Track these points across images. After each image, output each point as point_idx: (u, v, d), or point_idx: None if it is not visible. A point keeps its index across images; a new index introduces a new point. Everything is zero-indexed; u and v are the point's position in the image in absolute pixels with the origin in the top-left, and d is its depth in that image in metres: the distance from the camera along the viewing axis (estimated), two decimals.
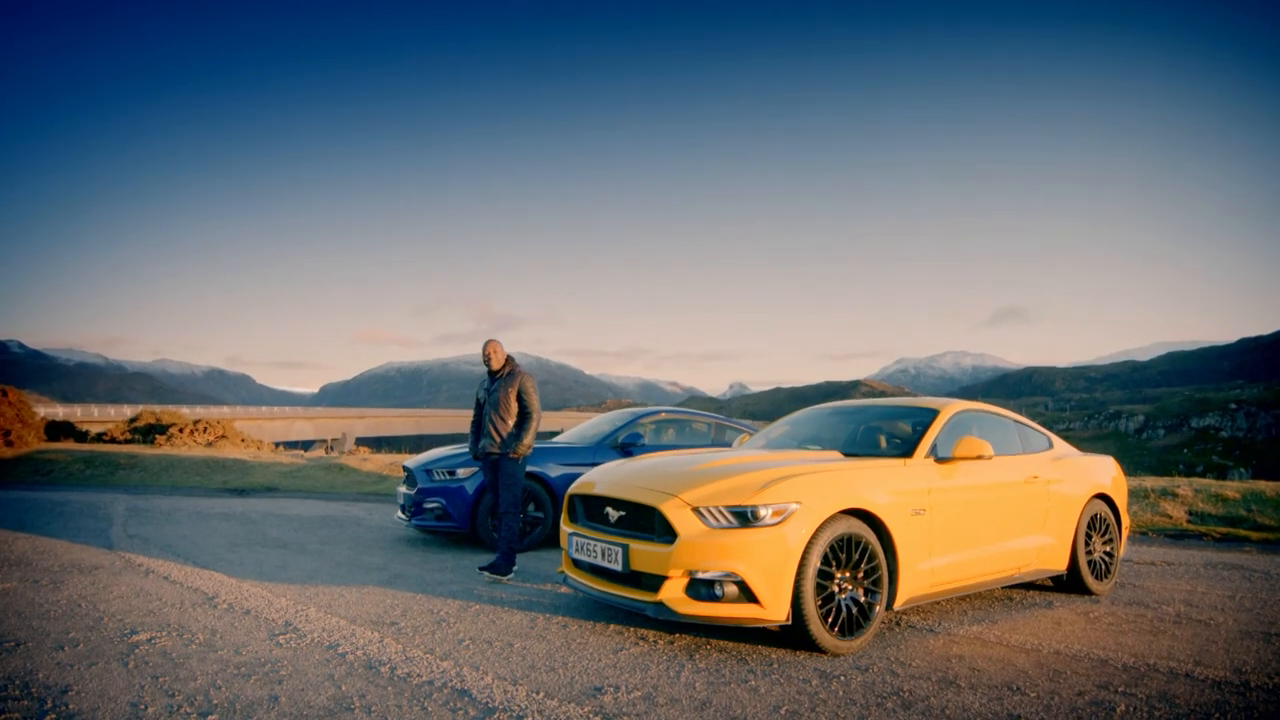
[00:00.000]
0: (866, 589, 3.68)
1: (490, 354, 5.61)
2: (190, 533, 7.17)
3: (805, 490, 3.53)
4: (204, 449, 15.78)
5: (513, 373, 5.50)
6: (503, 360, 5.59)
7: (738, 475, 3.67)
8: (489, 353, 5.62)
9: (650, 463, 4.28)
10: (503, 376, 5.51)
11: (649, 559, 3.54)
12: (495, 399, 5.45)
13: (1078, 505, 5.04)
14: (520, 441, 5.32)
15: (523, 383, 5.44)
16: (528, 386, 5.44)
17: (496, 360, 5.58)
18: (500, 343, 5.66)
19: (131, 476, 13.07)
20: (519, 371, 5.52)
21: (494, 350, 5.61)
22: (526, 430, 5.35)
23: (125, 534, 6.99)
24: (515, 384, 5.43)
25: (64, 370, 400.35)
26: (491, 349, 5.62)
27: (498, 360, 5.58)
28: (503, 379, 5.50)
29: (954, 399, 4.95)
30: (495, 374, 5.59)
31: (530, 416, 5.38)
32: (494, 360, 5.58)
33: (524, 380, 5.45)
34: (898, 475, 3.96)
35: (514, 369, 5.54)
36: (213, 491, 11.64)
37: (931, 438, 4.35)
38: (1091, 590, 5.01)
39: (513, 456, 5.32)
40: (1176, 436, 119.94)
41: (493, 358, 5.59)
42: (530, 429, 5.36)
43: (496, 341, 5.64)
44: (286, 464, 13.56)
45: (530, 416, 5.38)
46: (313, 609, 4.20)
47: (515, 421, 5.39)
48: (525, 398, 5.41)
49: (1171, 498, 9.42)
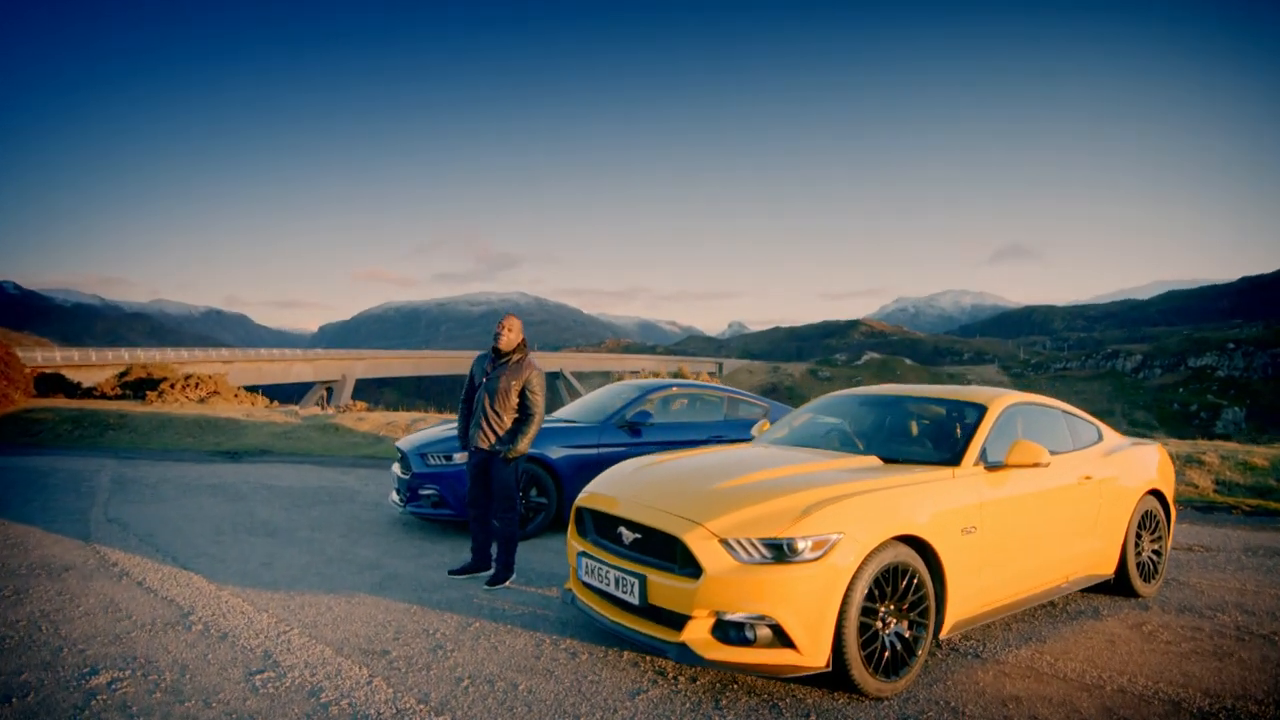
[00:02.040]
0: (912, 622, 3.29)
1: (503, 330, 4.87)
2: (174, 514, 6.80)
3: (849, 517, 3.10)
4: (196, 406, 15.40)
5: (521, 362, 4.85)
6: (515, 343, 4.89)
7: (770, 497, 3.23)
8: (503, 329, 4.88)
9: (668, 472, 3.83)
10: (510, 362, 4.87)
11: (670, 595, 3.13)
12: (494, 386, 4.84)
13: (1129, 504, 4.64)
14: (515, 446, 4.75)
15: (530, 378, 4.80)
16: (535, 383, 4.80)
17: (508, 340, 4.86)
18: (520, 322, 5.03)
19: (121, 438, 12.71)
20: (529, 363, 4.86)
21: (508, 328, 4.88)
22: (524, 434, 4.77)
23: (105, 518, 6.61)
24: (522, 377, 4.80)
25: (61, 311, 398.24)
26: (507, 325, 4.89)
27: (509, 340, 4.86)
28: (509, 365, 4.85)
29: (1002, 389, 4.48)
30: (501, 356, 4.89)
31: (532, 419, 4.79)
32: (505, 339, 4.86)
33: (532, 375, 4.81)
34: (947, 490, 3.52)
35: (524, 357, 4.89)
36: (204, 455, 11.29)
37: (981, 440, 3.90)
38: (1139, 593, 4.65)
39: (505, 459, 4.78)
40: (1173, 376, 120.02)
41: (503, 336, 4.85)
42: (529, 433, 4.78)
43: (516, 319, 4.99)
44: (280, 423, 13.19)
45: (532, 419, 4.79)
46: (296, 631, 3.82)
47: (514, 419, 4.82)
48: (529, 396, 4.80)
49: (1198, 465, 9.07)
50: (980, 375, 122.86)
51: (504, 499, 4.80)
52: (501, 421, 4.82)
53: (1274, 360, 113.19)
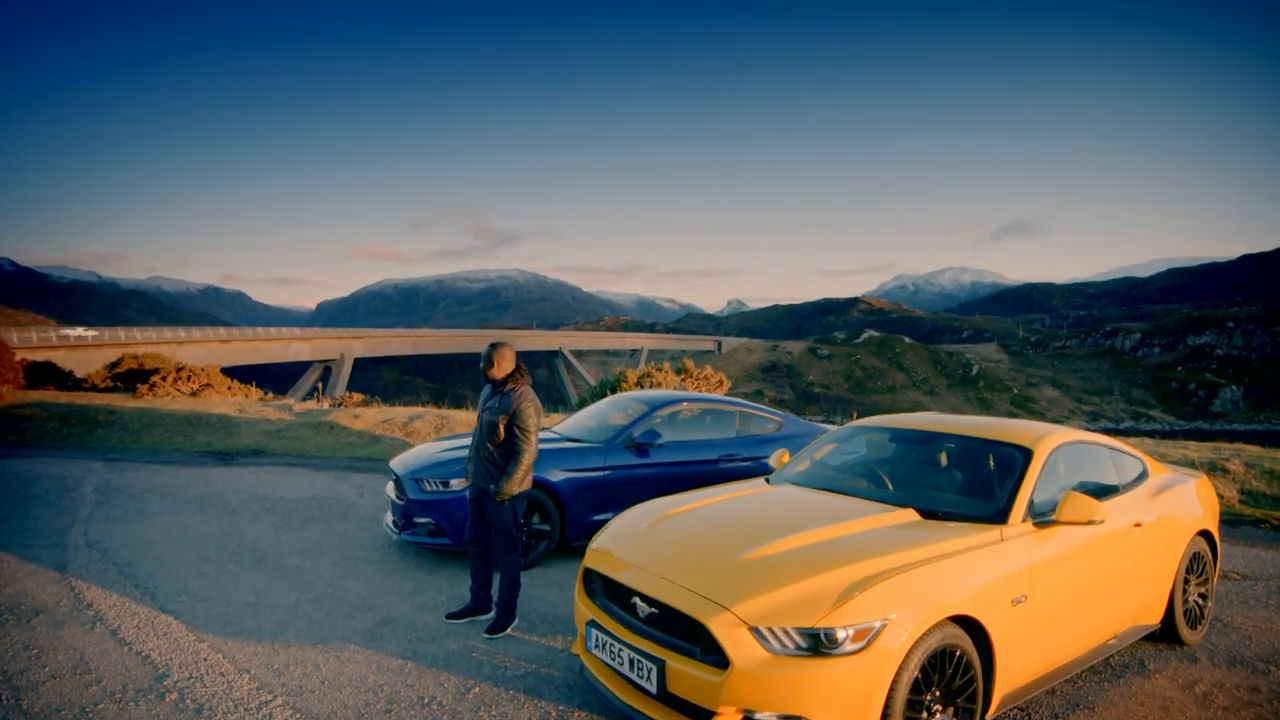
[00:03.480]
0: (959, 708, 2.97)
1: (495, 359, 4.51)
2: (158, 536, 6.47)
3: (894, 599, 2.76)
4: (188, 400, 15.05)
5: (513, 392, 4.48)
6: (507, 370, 4.53)
7: (805, 573, 2.88)
8: (495, 358, 4.51)
9: (685, 531, 3.48)
10: (503, 393, 4.51)
11: (693, 685, 2.81)
12: (485, 420, 4.53)
13: (1178, 548, 4.31)
14: (501, 487, 4.38)
15: (519, 410, 4.40)
16: (524, 417, 4.39)
17: (499, 370, 4.52)
18: (511, 349, 4.62)
19: (110, 437, 12.37)
20: (520, 393, 4.47)
21: (500, 357, 4.52)
22: (510, 476, 4.37)
23: (84, 541, 6.28)
24: (511, 409, 4.43)
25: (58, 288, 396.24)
26: (498, 355, 4.52)
27: (500, 370, 4.52)
28: (501, 395, 4.51)
29: (1046, 426, 4.13)
30: (495, 385, 4.59)
31: (518, 457, 4.38)
32: (496, 369, 4.51)
33: (521, 407, 4.40)
34: (997, 556, 3.19)
35: (517, 387, 4.50)
36: (194, 456, 10.96)
37: (1029, 490, 3.55)
38: (1185, 641, 4.35)
39: (497, 500, 4.42)
40: (1172, 354, 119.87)
41: (495, 365, 4.51)
42: (514, 475, 4.37)
43: (509, 348, 4.62)
44: (273, 420, 12.85)
45: (518, 457, 4.38)
46: (279, 702, 3.49)
47: (504, 455, 4.45)
48: (517, 432, 4.39)
49: (1222, 474, 8.76)
50: (979, 354, 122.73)
51: (502, 540, 4.46)
52: (493, 457, 4.49)
53: (1273, 339, 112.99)
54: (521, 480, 4.44)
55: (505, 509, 4.44)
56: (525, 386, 4.54)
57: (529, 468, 4.45)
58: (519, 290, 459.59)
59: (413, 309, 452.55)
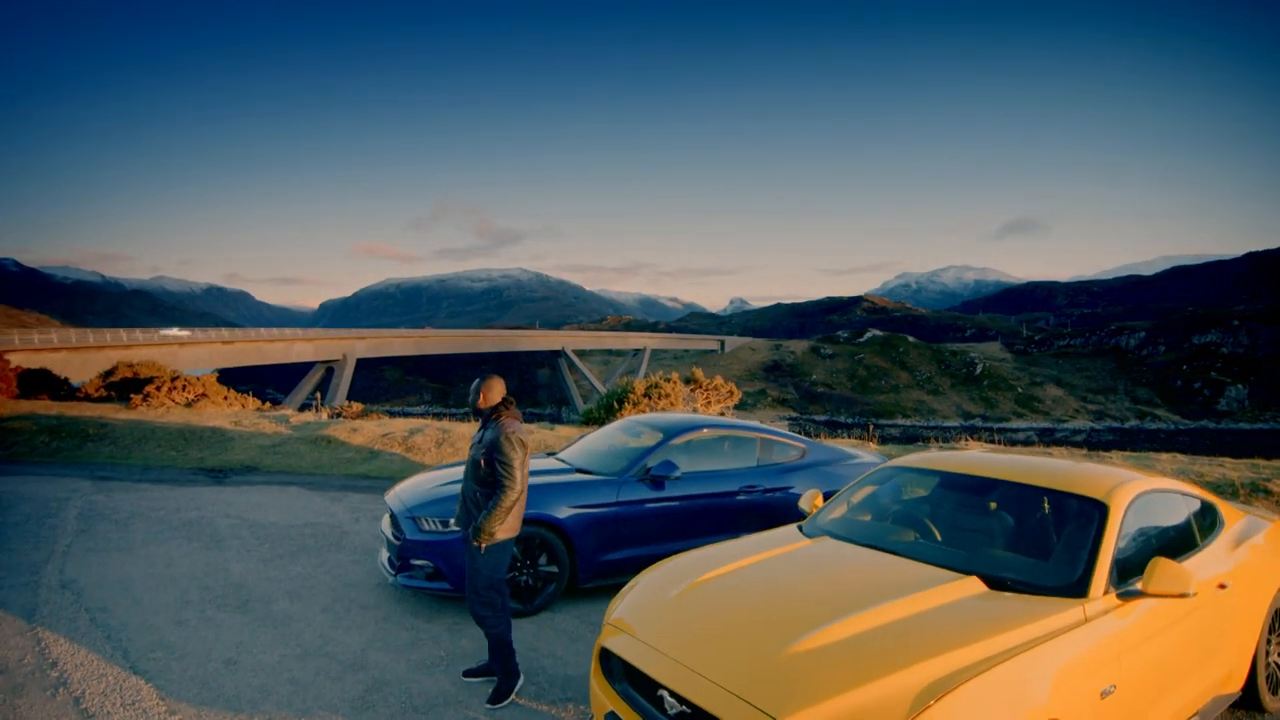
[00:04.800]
0: None
1: (479, 390, 4.16)
2: (138, 573, 6.04)
3: (975, 708, 2.33)
4: (183, 410, 14.64)
5: (495, 423, 4.09)
6: (493, 401, 4.15)
7: (868, 675, 2.44)
8: (482, 389, 4.16)
9: (716, 605, 3.05)
10: (488, 425, 4.14)
11: None
12: (470, 458, 4.16)
13: (1262, 607, 3.87)
14: (481, 529, 3.92)
15: (498, 438, 3.98)
16: (505, 448, 3.94)
17: (483, 399, 4.15)
18: (500, 381, 4.22)
19: (100, 451, 11.96)
20: (502, 422, 4.06)
21: (485, 388, 4.15)
22: (489, 513, 3.91)
23: (59, 580, 5.85)
24: (491, 439, 4.03)
25: (61, 289, 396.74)
26: (485, 385, 4.16)
27: (485, 399, 4.15)
28: (486, 428, 4.13)
29: (1118, 472, 3.68)
30: (483, 419, 4.21)
31: (502, 489, 3.92)
32: (481, 399, 4.15)
33: (502, 438, 3.97)
34: (1080, 640, 2.74)
35: (500, 417, 4.11)
36: (186, 473, 10.55)
37: (1109, 555, 3.11)
38: (1266, 708, 3.91)
39: (475, 543, 3.98)
40: (1176, 353, 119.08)
41: (481, 395, 4.15)
42: (494, 512, 3.91)
43: (498, 379, 4.23)
44: (269, 434, 12.43)
45: (502, 489, 3.92)
46: None
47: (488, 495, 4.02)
48: (498, 464, 3.95)
49: (1264, 495, 8.29)
50: (983, 352, 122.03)
51: (480, 593, 4.02)
52: (478, 499, 4.07)
53: (1279, 337, 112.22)
54: (504, 519, 3.97)
55: (485, 557, 3.99)
56: (510, 418, 4.13)
57: (512, 507, 3.99)
58: (522, 289, 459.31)
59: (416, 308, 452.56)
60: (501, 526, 4.00)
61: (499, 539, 4.00)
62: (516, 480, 3.95)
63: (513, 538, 4.10)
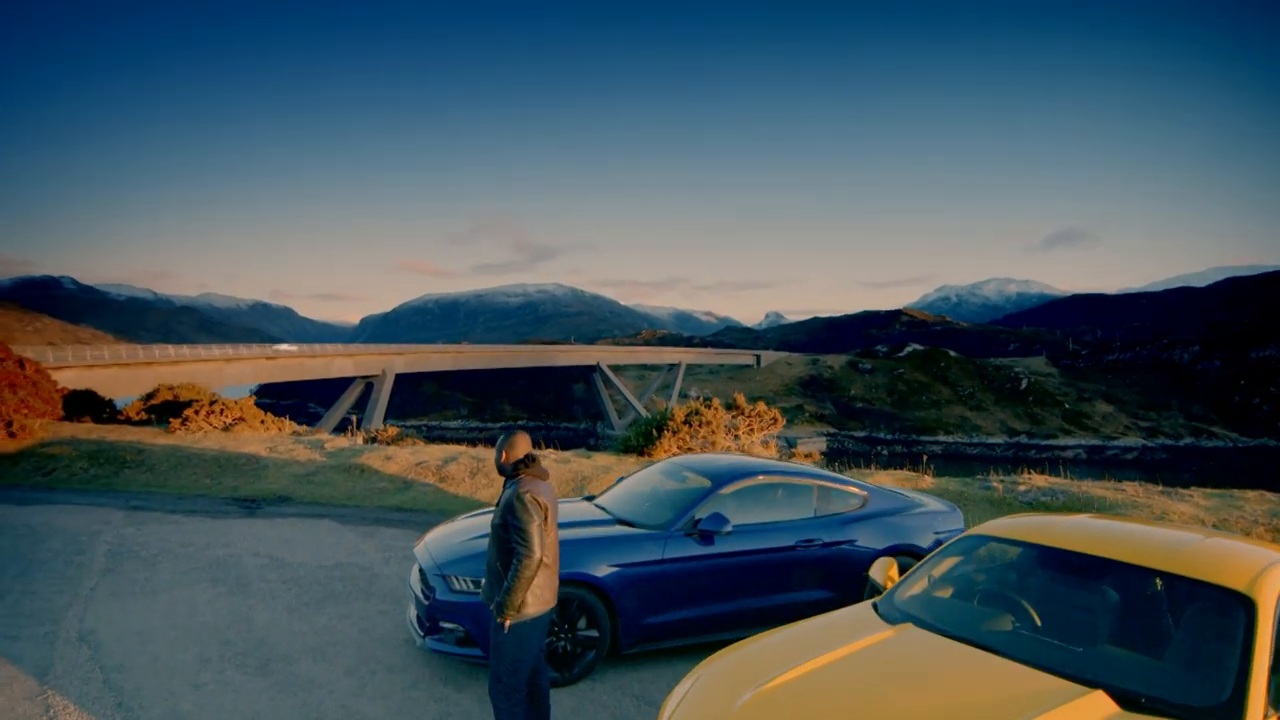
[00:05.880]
0: None
1: (503, 446, 3.81)
2: (159, 624, 5.77)
3: None
4: (220, 434, 14.61)
5: (513, 483, 3.71)
6: (515, 457, 3.77)
7: None
8: (503, 445, 3.81)
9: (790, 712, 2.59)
10: (507, 485, 3.78)
11: None
12: (492, 521, 3.77)
13: None
14: (505, 604, 3.53)
15: (511, 500, 3.59)
16: (520, 511, 3.55)
17: (506, 455, 3.79)
18: (525, 436, 3.84)
19: (136, 478, 11.89)
20: (521, 480, 3.68)
21: (509, 444, 3.79)
22: (507, 589, 3.52)
23: (77, 632, 5.60)
24: (505, 501, 3.67)
25: (116, 305, 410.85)
26: (509, 441, 3.80)
27: (507, 456, 3.78)
28: (505, 488, 3.76)
29: (1261, 551, 3.14)
30: (506, 476, 3.83)
31: (517, 560, 3.52)
32: (504, 455, 3.79)
33: (515, 497, 3.58)
34: None
35: (518, 476, 3.72)
36: (219, 503, 10.39)
37: (1265, 664, 2.58)
38: None
39: (499, 622, 3.59)
40: (1234, 367, 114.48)
41: (504, 452, 3.79)
42: (516, 585, 3.50)
43: (521, 434, 3.84)
44: (303, 462, 12.26)
45: (517, 560, 3.52)
46: None
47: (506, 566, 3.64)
48: (512, 530, 3.56)
49: None
50: (1028, 366, 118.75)
51: (501, 678, 3.62)
52: (497, 570, 3.69)
53: None
54: (525, 592, 3.54)
55: (510, 636, 3.58)
56: (530, 477, 3.71)
57: (533, 578, 3.56)
58: (557, 304, 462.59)
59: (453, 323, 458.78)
60: (531, 600, 3.60)
61: (528, 614, 3.60)
62: (532, 548, 3.53)
63: (546, 613, 3.69)
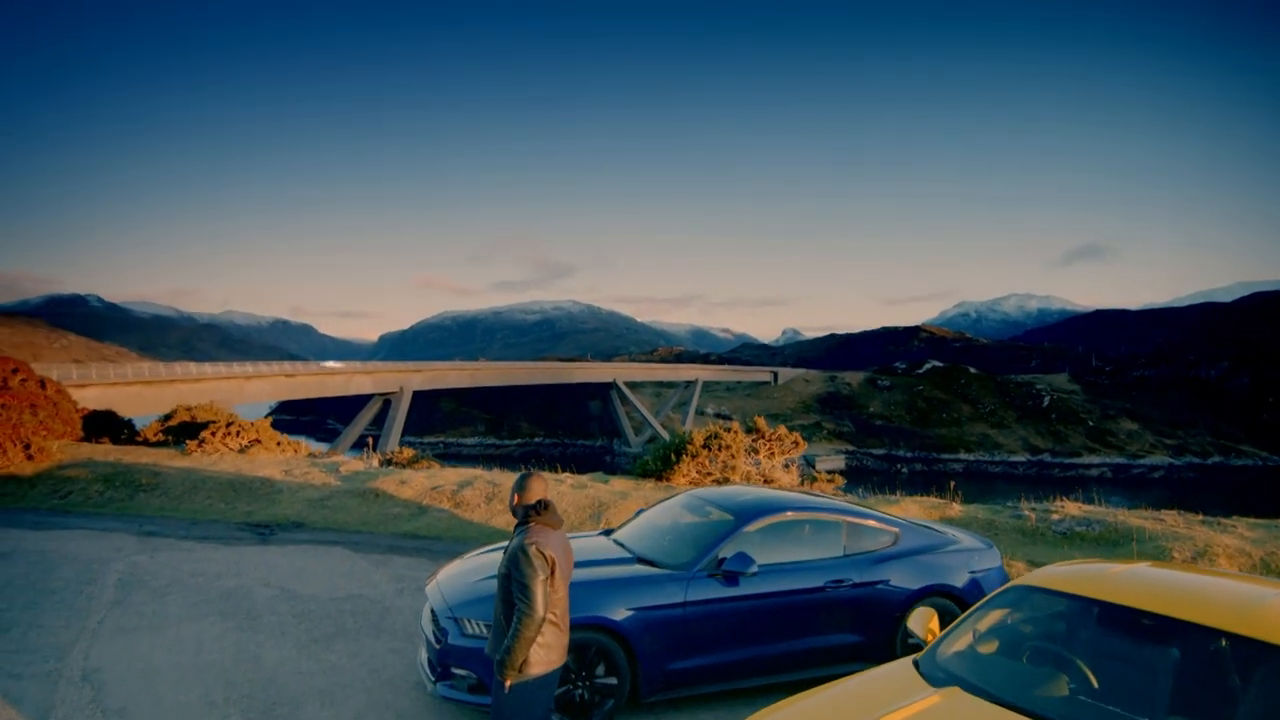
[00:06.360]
0: None
1: (514, 489, 3.64)
2: (165, 662, 5.61)
3: None
4: (236, 456, 14.55)
5: (522, 530, 3.52)
6: (526, 501, 3.58)
7: None
8: (515, 488, 3.65)
9: None
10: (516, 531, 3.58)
11: None
12: (499, 569, 3.57)
13: None
14: (504, 664, 3.31)
15: (515, 551, 3.40)
16: (521, 562, 3.35)
17: (517, 498, 3.63)
18: (540, 479, 3.63)
19: (150, 502, 11.82)
20: (529, 529, 3.49)
21: (522, 487, 3.61)
22: (511, 648, 3.29)
23: (82, 669, 5.45)
24: (510, 551, 3.47)
25: (139, 322, 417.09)
26: (523, 486, 3.62)
27: (519, 500, 3.62)
28: (514, 535, 3.57)
29: None
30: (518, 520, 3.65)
31: (518, 617, 3.31)
32: (515, 499, 3.63)
33: (519, 549, 3.39)
34: None
35: (526, 525, 3.53)
36: (232, 528, 10.27)
37: None
38: None
39: (499, 680, 3.36)
40: (1262, 385, 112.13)
41: (516, 496, 3.62)
42: (518, 645, 3.29)
43: (536, 477, 3.64)
44: (318, 486, 12.13)
45: (518, 617, 3.31)
46: None
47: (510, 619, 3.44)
48: (515, 583, 3.36)
49: None
50: (1050, 383, 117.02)
51: None
52: (501, 622, 3.49)
53: None
54: (524, 653, 3.30)
55: (511, 697, 3.34)
56: (540, 526, 3.50)
57: (534, 637, 3.33)
58: (573, 321, 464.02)
59: (471, 340, 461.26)
60: (535, 659, 3.36)
61: (531, 674, 3.36)
62: (534, 606, 3.30)
63: (552, 672, 3.46)
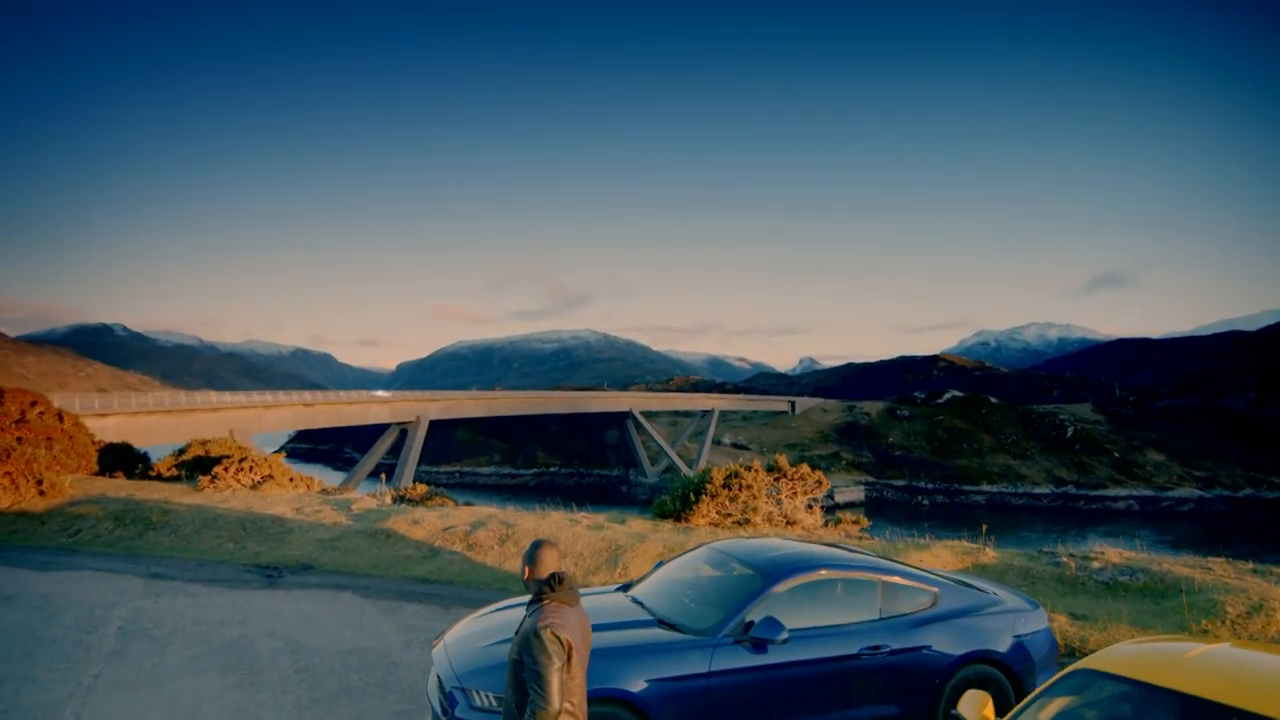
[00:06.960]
0: None
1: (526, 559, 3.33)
2: (160, 719, 5.33)
3: None
4: (247, 493, 14.37)
5: (537, 607, 3.20)
6: (539, 575, 3.27)
7: None
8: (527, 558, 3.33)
9: None
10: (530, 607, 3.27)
11: None
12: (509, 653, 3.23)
13: None
14: None
15: (528, 634, 3.07)
16: (534, 648, 3.01)
17: (529, 571, 3.30)
18: (553, 549, 3.32)
19: (160, 541, 11.62)
20: (544, 609, 3.15)
21: (535, 558, 3.30)
22: None
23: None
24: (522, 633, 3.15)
25: (163, 351, 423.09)
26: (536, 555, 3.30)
27: (532, 571, 3.29)
28: (527, 613, 3.24)
29: None
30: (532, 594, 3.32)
31: (533, 709, 2.97)
32: (528, 571, 3.31)
33: (533, 633, 3.05)
34: None
35: (542, 602, 3.20)
36: (240, 571, 10.01)
37: None
38: None
39: None
40: None
41: (527, 567, 3.31)
42: None
43: (549, 546, 3.33)
44: (329, 525, 11.88)
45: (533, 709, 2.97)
46: None
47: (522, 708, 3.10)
48: (529, 673, 3.02)
49: None
50: (1073, 413, 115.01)
51: None
52: (513, 710, 3.15)
53: None
54: None
55: None
56: (556, 604, 3.17)
57: None
58: (590, 350, 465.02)
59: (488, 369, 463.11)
60: None
61: None
62: (549, 700, 2.97)
63: None
